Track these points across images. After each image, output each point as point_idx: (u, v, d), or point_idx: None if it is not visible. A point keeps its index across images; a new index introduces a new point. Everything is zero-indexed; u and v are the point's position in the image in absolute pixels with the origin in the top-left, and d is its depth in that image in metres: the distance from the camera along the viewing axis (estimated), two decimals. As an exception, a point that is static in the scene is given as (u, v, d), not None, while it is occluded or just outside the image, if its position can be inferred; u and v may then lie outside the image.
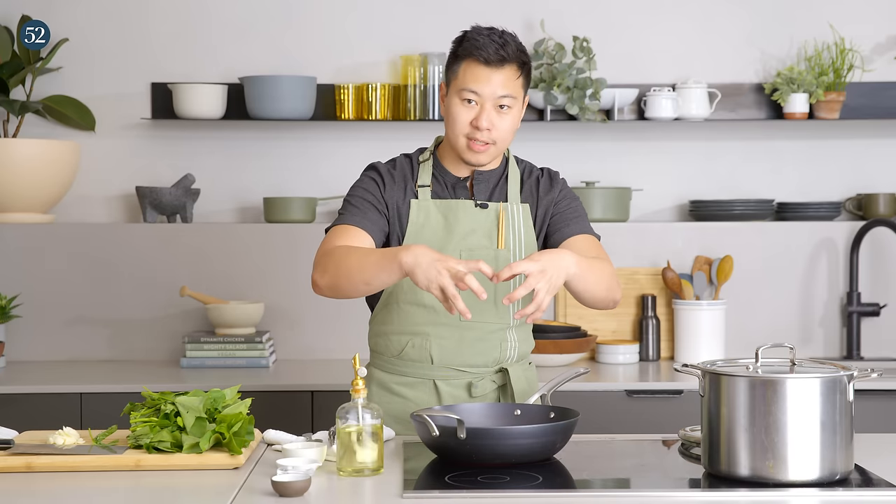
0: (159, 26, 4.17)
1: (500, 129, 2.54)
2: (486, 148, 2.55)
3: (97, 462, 2.26)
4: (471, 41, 2.53)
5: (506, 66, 2.52)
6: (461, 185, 2.63)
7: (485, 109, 2.52)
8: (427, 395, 2.63)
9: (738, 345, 4.00)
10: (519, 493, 2.09)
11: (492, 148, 2.56)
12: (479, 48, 2.51)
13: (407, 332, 2.63)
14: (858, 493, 2.09)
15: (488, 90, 2.52)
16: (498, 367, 2.65)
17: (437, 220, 2.60)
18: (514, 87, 2.53)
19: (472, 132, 2.54)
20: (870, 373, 2.17)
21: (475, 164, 2.59)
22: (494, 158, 2.60)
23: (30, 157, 3.94)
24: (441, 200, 2.61)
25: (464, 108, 2.54)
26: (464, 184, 2.63)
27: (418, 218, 2.60)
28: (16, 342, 4.01)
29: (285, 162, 4.20)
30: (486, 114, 2.52)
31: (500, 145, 2.57)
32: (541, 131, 4.16)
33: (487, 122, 2.52)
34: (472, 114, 2.53)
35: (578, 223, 2.65)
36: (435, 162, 2.65)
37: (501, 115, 2.53)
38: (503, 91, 2.52)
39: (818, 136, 4.23)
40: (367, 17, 4.18)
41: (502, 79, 2.52)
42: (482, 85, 2.51)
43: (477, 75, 2.51)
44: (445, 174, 2.63)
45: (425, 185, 2.62)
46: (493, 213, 2.61)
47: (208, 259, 4.05)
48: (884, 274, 4.12)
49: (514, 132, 2.59)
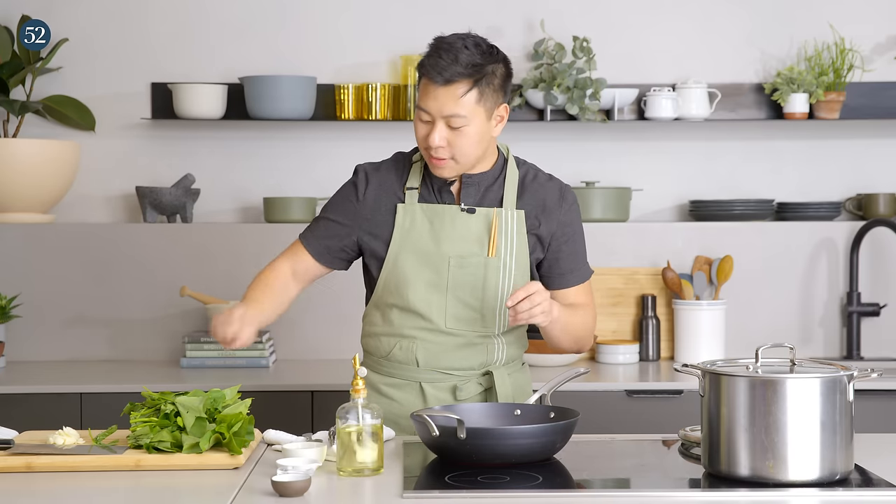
0: (159, 26, 4.17)
1: (457, 146, 2.50)
2: (444, 163, 2.52)
3: (97, 462, 2.26)
4: (425, 56, 2.50)
5: (453, 84, 2.46)
6: (447, 189, 2.61)
7: (435, 127, 2.49)
8: (413, 396, 2.63)
9: (738, 345, 4.00)
10: (519, 493, 2.09)
11: (450, 163, 2.52)
12: (425, 66, 2.48)
13: (395, 334, 2.62)
14: (858, 493, 2.09)
15: (435, 107, 2.48)
16: (484, 370, 2.65)
17: (423, 224, 2.58)
18: (462, 106, 2.47)
19: (427, 147, 2.52)
20: (870, 373, 2.17)
21: (440, 177, 2.58)
22: (461, 171, 2.56)
23: (30, 157, 3.94)
24: (427, 205, 2.59)
25: (420, 124, 2.52)
26: (449, 188, 2.61)
27: (404, 222, 2.59)
28: (16, 342, 4.01)
29: (285, 162, 4.20)
30: (437, 131, 2.49)
31: (462, 160, 2.53)
32: (541, 131, 4.16)
33: (439, 139, 2.49)
34: (427, 130, 2.51)
35: (578, 271, 2.66)
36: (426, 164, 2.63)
37: (456, 131, 2.49)
38: (449, 111, 2.47)
39: (818, 136, 4.23)
40: (367, 17, 4.18)
41: (448, 97, 2.46)
42: (429, 102, 2.48)
43: (426, 93, 2.49)
44: (434, 177, 2.61)
45: (413, 188, 2.60)
46: (484, 218, 2.58)
47: (208, 259, 4.05)
48: (884, 274, 4.12)
49: (479, 146, 2.52)
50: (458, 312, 2.58)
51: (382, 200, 2.61)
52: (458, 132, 2.49)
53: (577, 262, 2.66)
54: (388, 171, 2.64)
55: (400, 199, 2.61)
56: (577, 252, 2.66)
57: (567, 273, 2.65)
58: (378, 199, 2.61)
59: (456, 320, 2.58)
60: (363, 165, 2.67)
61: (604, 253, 4.02)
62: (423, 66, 2.49)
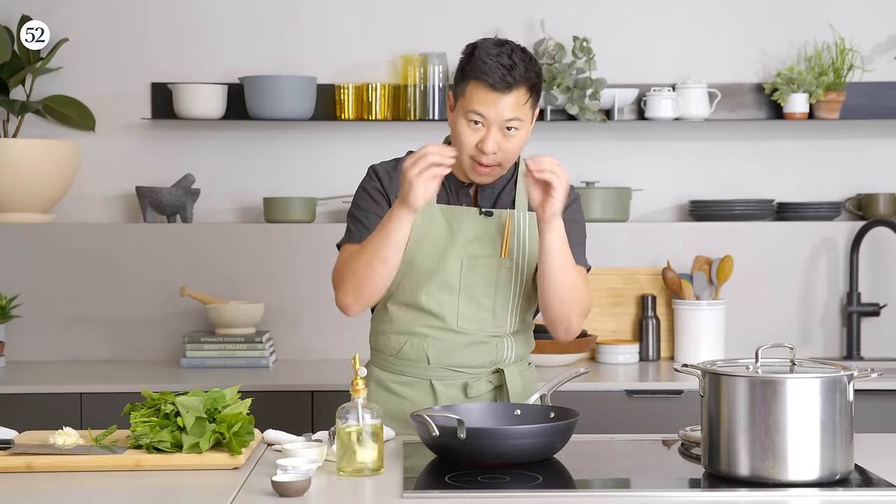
0: (159, 26, 4.17)
1: (506, 151, 2.50)
2: (490, 170, 2.53)
3: (97, 462, 2.26)
4: (478, 62, 2.47)
5: (513, 91, 2.46)
6: (464, 190, 2.62)
7: (491, 133, 2.48)
8: (424, 394, 2.63)
9: (738, 345, 4.00)
10: (519, 493, 2.09)
11: (496, 169, 2.53)
12: (485, 73, 2.45)
13: (405, 332, 2.63)
14: (858, 493, 2.09)
15: (494, 114, 2.47)
16: (494, 368, 2.65)
17: (441, 225, 2.59)
18: (522, 111, 2.48)
19: (477, 154, 2.50)
20: (870, 373, 2.17)
21: (479, 183, 2.59)
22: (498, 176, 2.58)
23: (30, 157, 3.94)
24: (446, 206, 2.60)
25: (470, 130, 2.50)
26: (466, 190, 2.62)
27: (422, 223, 2.58)
28: (16, 342, 4.01)
29: (285, 162, 4.20)
30: (492, 137, 2.48)
31: (506, 165, 2.54)
32: (541, 131, 4.15)
33: (493, 146, 2.48)
34: (478, 136, 2.49)
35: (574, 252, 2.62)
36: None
37: (508, 136, 2.49)
38: (510, 115, 2.47)
39: (818, 136, 4.23)
40: (367, 17, 4.18)
41: (510, 103, 2.46)
42: (489, 109, 2.46)
43: (484, 99, 2.46)
44: (450, 178, 2.61)
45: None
46: (498, 220, 2.60)
47: (208, 259, 4.05)
48: (884, 274, 4.12)
49: (522, 149, 2.55)
50: (469, 312, 2.59)
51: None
52: (511, 138, 2.49)
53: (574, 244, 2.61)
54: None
55: None
56: (574, 242, 2.62)
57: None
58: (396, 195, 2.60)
59: (467, 320, 2.59)
60: (378, 165, 2.66)
61: (604, 253, 4.02)
62: (481, 71, 2.45)
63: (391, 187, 2.60)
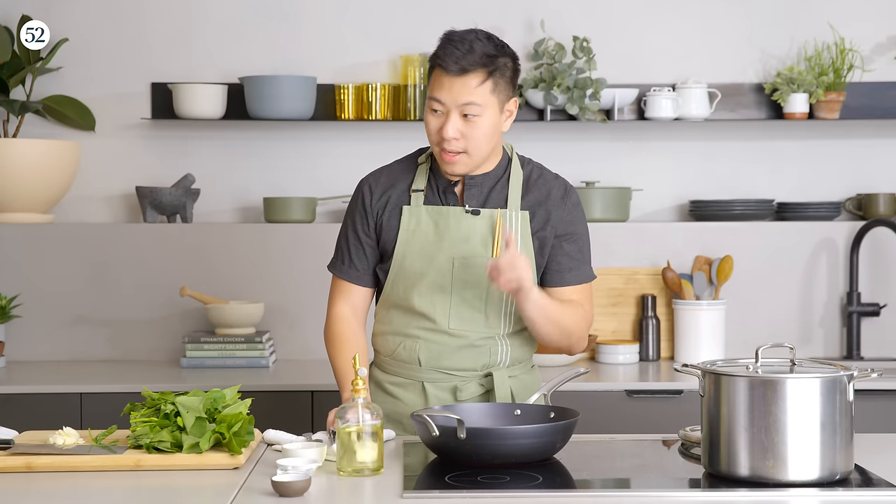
0: (159, 26, 4.17)
1: (471, 138, 2.51)
2: (456, 158, 2.53)
3: (97, 462, 2.26)
4: (438, 49, 2.53)
5: (468, 75, 2.48)
6: (451, 190, 2.61)
7: (450, 119, 2.50)
8: (415, 396, 2.64)
9: (738, 345, 4.00)
10: (519, 493, 2.09)
11: (464, 157, 2.54)
12: (441, 56, 2.50)
13: (399, 333, 2.64)
14: (858, 493, 2.09)
15: (450, 98, 2.49)
16: (486, 371, 2.65)
17: (428, 226, 2.59)
18: (478, 95, 2.49)
19: (440, 141, 2.53)
20: (870, 373, 2.17)
21: (451, 174, 2.59)
22: (472, 168, 2.57)
23: (30, 157, 3.94)
24: (432, 207, 2.60)
25: (432, 117, 2.53)
26: (453, 189, 2.61)
27: (409, 224, 2.60)
28: (16, 342, 4.02)
29: (285, 162, 4.20)
30: (451, 123, 2.50)
31: (474, 154, 2.54)
32: (541, 131, 4.16)
33: (453, 131, 2.50)
34: (440, 122, 2.52)
35: (578, 272, 2.65)
36: (432, 164, 2.64)
37: (469, 123, 2.50)
38: (465, 99, 2.49)
39: (818, 136, 4.23)
40: (367, 17, 4.18)
41: (464, 86, 2.48)
42: (444, 93, 2.50)
43: (440, 84, 2.51)
44: (439, 178, 2.62)
45: (419, 190, 2.61)
46: (489, 219, 2.59)
47: (208, 259, 4.05)
48: (884, 274, 4.12)
49: (491, 140, 2.54)
50: (461, 313, 2.59)
51: (389, 204, 2.62)
52: (472, 124, 2.50)
53: (577, 262, 2.64)
54: (393, 175, 2.66)
55: (405, 201, 2.61)
56: (577, 252, 2.64)
57: (565, 271, 2.64)
58: (385, 203, 2.63)
59: (460, 321, 2.59)
60: (364, 178, 2.69)
61: (604, 253, 4.02)
62: (437, 57, 2.51)
63: (376, 201, 2.64)
